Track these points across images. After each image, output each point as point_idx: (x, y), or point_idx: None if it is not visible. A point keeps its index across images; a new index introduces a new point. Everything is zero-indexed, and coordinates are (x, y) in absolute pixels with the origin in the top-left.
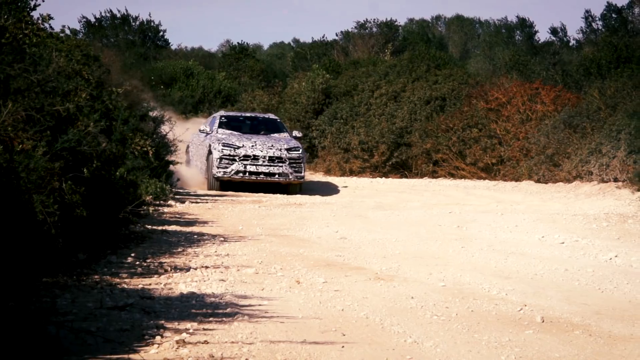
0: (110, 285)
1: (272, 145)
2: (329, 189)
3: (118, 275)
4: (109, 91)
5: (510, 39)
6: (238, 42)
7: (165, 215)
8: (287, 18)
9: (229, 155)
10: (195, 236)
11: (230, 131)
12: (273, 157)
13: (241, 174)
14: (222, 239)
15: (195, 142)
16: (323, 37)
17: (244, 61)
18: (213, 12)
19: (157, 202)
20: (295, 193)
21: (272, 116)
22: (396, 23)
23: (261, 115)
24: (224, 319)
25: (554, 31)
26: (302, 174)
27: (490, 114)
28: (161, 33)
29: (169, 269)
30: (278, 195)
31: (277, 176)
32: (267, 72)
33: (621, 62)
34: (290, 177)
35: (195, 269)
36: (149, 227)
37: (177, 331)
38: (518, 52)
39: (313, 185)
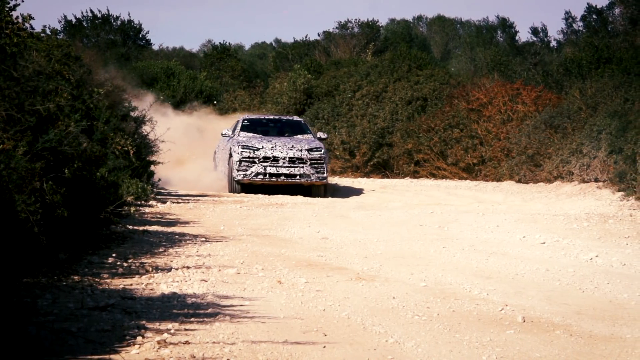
0: (91, 286)
1: (292, 146)
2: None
3: (99, 276)
4: (90, 91)
5: (492, 40)
6: (219, 42)
7: (146, 216)
8: (269, 18)
9: (249, 157)
10: (177, 236)
11: (252, 134)
12: (293, 158)
13: (261, 176)
14: (203, 239)
15: (220, 146)
16: (305, 37)
17: (226, 61)
18: (195, 12)
19: (139, 202)
20: (320, 195)
21: (296, 118)
22: (378, 23)
23: (285, 117)
24: (205, 319)
25: (534, 31)
26: (325, 174)
27: (472, 114)
28: (142, 33)
29: (150, 269)
30: (260, 195)
31: (298, 177)
32: (248, 72)
33: (602, 62)
34: (312, 178)
35: (177, 269)
36: (130, 227)
37: (159, 331)
38: (499, 53)
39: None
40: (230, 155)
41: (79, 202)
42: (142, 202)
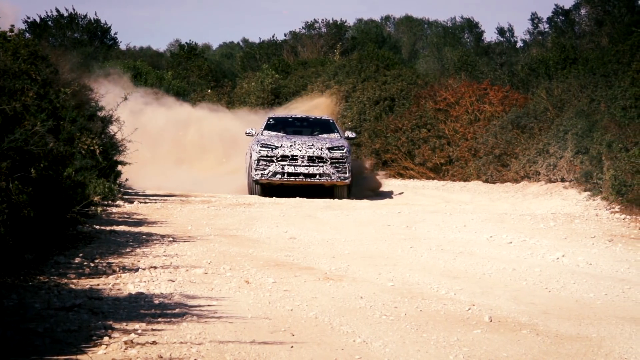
0: (58, 286)
1: (312, 145)
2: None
3: (66, 276)
4: (56, 90)
5: (458, 40)
6: (187, 42)
7: (113, 216)
8: (236, 18)
9: (267, 156)
10: (144, 236)
11: (276, 133)
12: (313, 157)
13: (279, 176)
14: (171, 239)
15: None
16: (272, 37)
17: (193, 61)
18: (162, 11)
19: (106, 202)
20: (343, 197)
21: (325, 117)
22: (345, 23)
23: (313, 116)
24: (172, 319)
25: (501, 32)
26: (347, 174)
27: (439, 114)
28: (110, 33)
29: (118, 269)
30: (227, 196)
31: (317, 177)
32: (216, 72)
33: (568, 63)
34: (333, 177)
35: (144, 269)
36: (97, 227)
37: (126, 332)
38: (466, 53)
39: None
40: (251, 156)
41: (46, 202)
42: (109, 202)
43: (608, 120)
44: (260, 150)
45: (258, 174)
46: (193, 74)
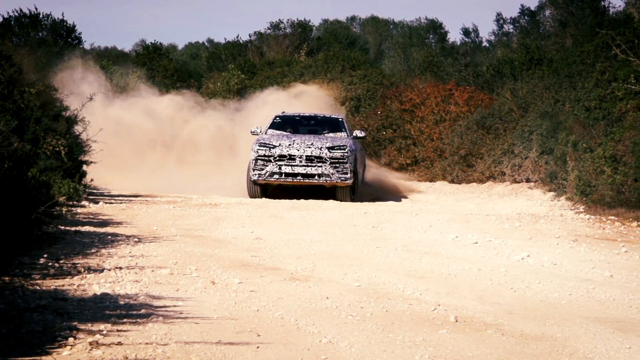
0: (22, 287)
1: (311, 144)
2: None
3: (30, 277)
4: (20, 91)
5: (424, 41)
6: (151, 42)
7: (78, 216)
8: (201, 18)
9: (264, 155)
10: (109, 237)
11: (279, 132)
12: (311, 156)
13: (277, 176)
14: (136, 239)
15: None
16: (237, 37)
17: (158, 61)
18: (127, 11)
19: (71, 203)
20: (345, 199)
21: (334, 115)
22: (310, 23)
23: (322, 114)
24: (138, 320)
25: (466, 32)
26: (348, 175)
27: (405, 115)
28: (75, 32)
29: (83, 269)
30: (193, 196)
31: (316, 177)
32: (181, 72)
33: (533, 63)
34: (333, 178)
35: (109, 269)
36: (62, 227)
37: (91, 332)
38: (431, 54)
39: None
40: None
41: (10, 202)
42: (74, 202)
43: (572, 121)
44: (258, 149)
45: (256, 174)
46: (159, 74)
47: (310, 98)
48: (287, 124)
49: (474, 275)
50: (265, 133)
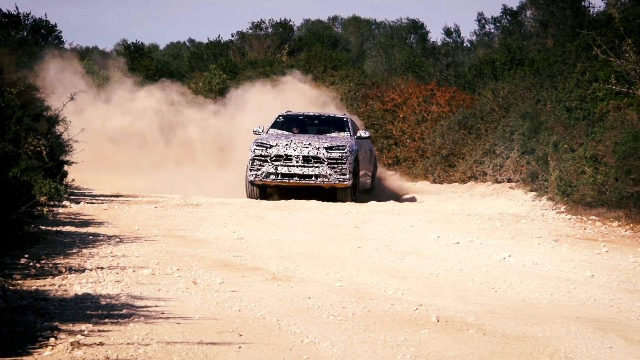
0: (3, 287)
1: (309, 144)
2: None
3: (11, 277)
4: (1, 90)
5: (405, 41)
6: (133, 42)
7: (60, 216)
8: (183, 18)
9: (261, 155)
10: (91, 237)
11: (281, 131)
12: (308, 156)
13: (273, 177)
14: (117, 239)
15: None
16: (219, 37)
17: (139, 60)
18: (108, 11)
19: (52, 203)
20: (345, 200)
21: (339, 115)
22: (290, 23)
23: (326, 114)
24: (119, 320)
25: (447, 32)
26: (347, 176)
27: (387, 115)
28: (55, 32)
29: (64, 270)
30: (175, 196)
31: (313, 178)
32: (163, 72)
33: (515, 64)
34: (331, 179)
35: (91, 270)
36: (44, 227)
37: (72, 333)
38: (413, 54)
39: None
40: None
41: None
42: (56, 202)
43: (554, 121)
44: (255, 149)
45: (252, 175)
46: (140, 74)
47: (294, 90)
48: (290, 123)
49: (456, 275)
50: (267, 132)
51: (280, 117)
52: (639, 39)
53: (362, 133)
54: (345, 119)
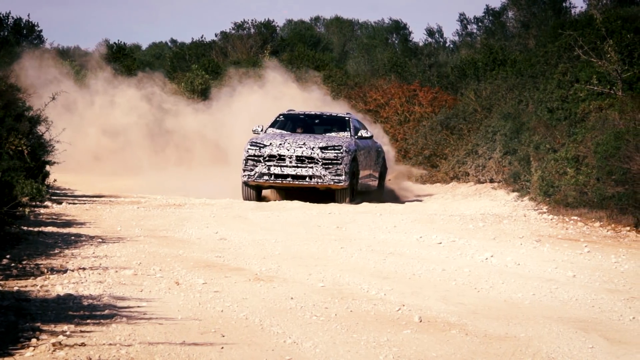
0: None
1: (303, 144)
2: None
3: None
4: None
5: (388, 41)
6: (115, 42)
7: (41, 217)
8: (165, 18)
9: (254, 155)
10: (73, 237)
11: (280, 131)
12: (302, 157)
13: (266, 177)
14: (100, 240)
15: None
16: (201, 37)
17: (122, 61)
18: (90, 10)
19: (34, 203)
20: (343, 201)
21: (341, 114)
22: (273, 23)
23: (328, 113)
24: (101, 320)
25: (430, 33)
26: (342, 177)
27: (369, 115)
28: (36, 31)
29: (46, 270)
30: (157, 196)
31: (307, 179)
32: (145, 72)
33: (497, 64)
34: (325, 180)
35: (73, 270)
36: (25, 228)
37: (54, 333)
38: (395, 54)
39: None
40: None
41: None
42: (37, 202)
43: (535, 121)
44: (249, 148)
45: (246, 175)
46: (122, 74)
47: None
48: (291, 122)
49: (438, 275)
50: (265, 132)
51: (281, 116)
52: (620, 39)
53: (363, 133)
54: (347, 118)
